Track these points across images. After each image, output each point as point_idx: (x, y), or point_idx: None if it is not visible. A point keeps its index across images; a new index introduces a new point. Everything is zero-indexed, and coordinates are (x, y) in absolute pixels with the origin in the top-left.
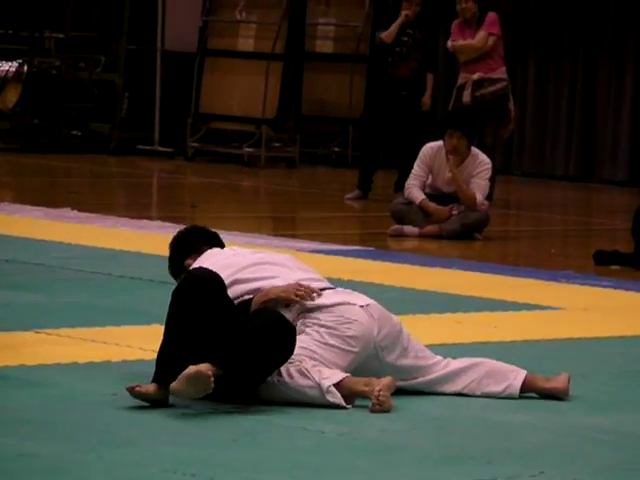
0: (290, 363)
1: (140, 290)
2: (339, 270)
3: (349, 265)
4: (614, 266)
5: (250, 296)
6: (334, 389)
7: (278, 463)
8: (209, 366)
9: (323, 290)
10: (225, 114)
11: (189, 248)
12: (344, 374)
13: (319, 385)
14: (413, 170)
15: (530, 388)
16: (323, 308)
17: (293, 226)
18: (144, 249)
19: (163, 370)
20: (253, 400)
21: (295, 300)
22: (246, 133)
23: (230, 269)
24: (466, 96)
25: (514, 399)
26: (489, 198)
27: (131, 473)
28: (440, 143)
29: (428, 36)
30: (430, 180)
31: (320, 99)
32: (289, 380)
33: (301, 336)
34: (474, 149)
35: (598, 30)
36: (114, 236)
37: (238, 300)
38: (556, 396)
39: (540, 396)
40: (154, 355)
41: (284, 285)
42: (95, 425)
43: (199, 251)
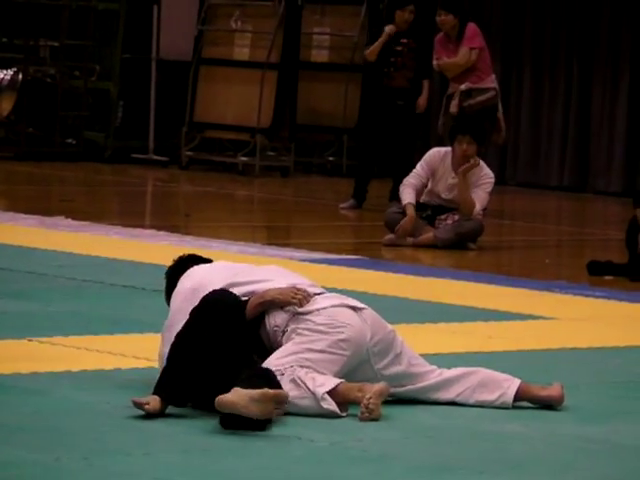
0: (282, 374)
1: (133, 298)
2: (333, 279)
3: (343, 274)
4: (608, 276)
5: (245, 298)
6: (328, 397)
7: (271, 472)
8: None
9: (318, 295)
10: (220, 123)
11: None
12: (338, 380)
13: (313, 394)
14: (415, 169)
15: (524, 397)
16: (315, 311)
17: (287, 235)
18: (138, 258)
19: (171, 387)
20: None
21: (292, 303)
22: (241, 142)
23: (225, 273)
24: (453, 106)
25: (507, 409)
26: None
27: None
28: (447, 149)
29: (423, 44)
30: (430, 185)
31: (313, 108)
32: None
33: (288, 344)
34: (480, 161)
35: (593, 41)
36: (108, 245)
37: None
38: (551, 405)
39: (534, 405)
40: (147, 363)
41: (281, 288)
42: (88, 433)
43: None
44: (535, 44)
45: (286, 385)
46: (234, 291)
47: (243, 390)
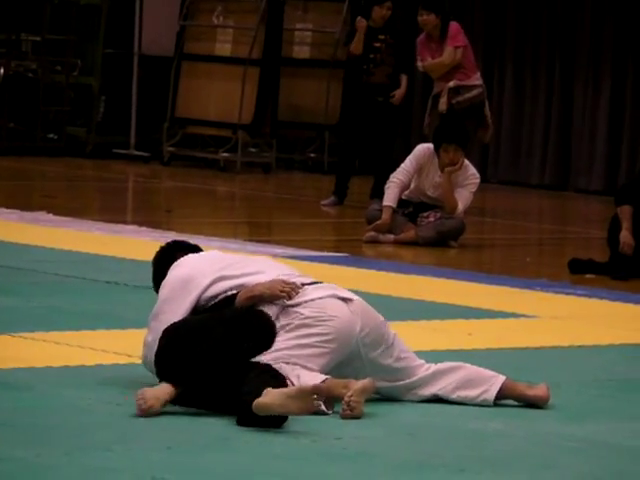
0: None
1: (115, 294)
2: (314, 276)
3: (324, 271)
4: (589, 275)
5: (234, 292)
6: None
7: (252, 469)
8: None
9: (308, 285)
10: (201, 119)
11: (171, 262)
12: (323, 376)
13: None
14: (403, 164)
15: (510, 394)
16: (304, 303)
17: (269, 232)
18: (119, 253)
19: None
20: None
21: (280, 296)
22: (222, 138)
23: (216, 265)
24: (442, 104)
25: (489, 406)
26: None
27: (104, 478)
28: None
29: (401, 40)
30: (416, 181)
31: (295, 104)
32: None
33: (277, 338)
34: (466, 161)
35: (575, 39)
36: (89, 240)
37: (222, 295)
38: (536, 404)
39: (519, 403)
40: (129, 359)
41: (268, 281)
42: (69, 429)
43: None
44: (517, 43)
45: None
46: (225, 284)
47: (275, 390)
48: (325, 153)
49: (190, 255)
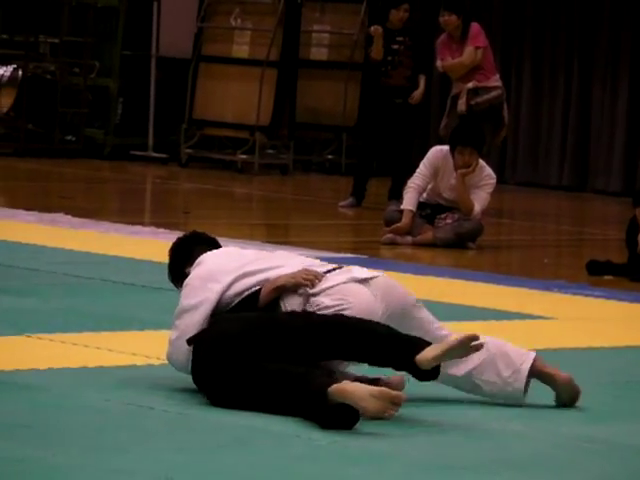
0: None
1: (133, 296)
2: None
3: None
4: (607, 276)
5: (258, 287)
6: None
7: (269, 470)
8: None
9: (329, 272)
10: (219, 120)
11: (189, 255)
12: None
13: None
14: (418, 169)
15: (537, 374)
16: (326, 290)
17: (286, 233)
18: (137, 255)
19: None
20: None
21: (304, 285)
22: (240, 140)
23: (237, 262)
24: (461, 105)
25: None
26: None
27: (120, 479)
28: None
29: (419, 42)
30: (432, 184)
31: (312, 106)
32: None
33: None
34: (481, 162)
35: (593, 40)
36: (107, 241)
37: (247, 292)
38: (563, 387)
39: (542, 381)
40: (146, 360)
41: (291, 272)
42: (86, 430)
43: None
44: (535, 43)
45: None
46: (248, 281)
47: (361, 384)
48: (343, 155)
49: (211, 252)
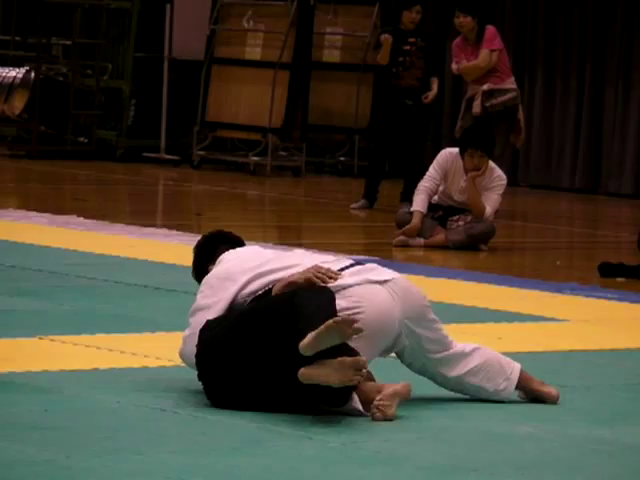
0: None
1: (146, 298)
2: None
3: None
4: (619, 278)
5: (271, 286)
6: (355, 395)
7: (281, 472)
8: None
9: (344, 270)
10: (231, 122)
11: (212, 253)
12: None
13: None
14: (428, 172)
15: (523, 386)
16: (342, 290)
17: (298, 235)
18: (150, 257)
19: None
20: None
21: (314, 281)
22: (252, 142)
23: (255, 262)
24: (476, 107)
25: (514, 404)
26: None
27: None
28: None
29: (431, 43)
30: (443, 186)
31: (325, 108)
32: None
33: None
34: (491, 163)
35: (605, 43)
36: (120, 243)
37: (261, 291)
38: (545, 401)
39: (528, 398)
40: (158, 363)
41: (303, 270)
42: (99, 432)
43: None
44: (547, 46)
45: None
46: (263, 280)
47: (324, 361)
48: (355, 157)
49: (230, 252)
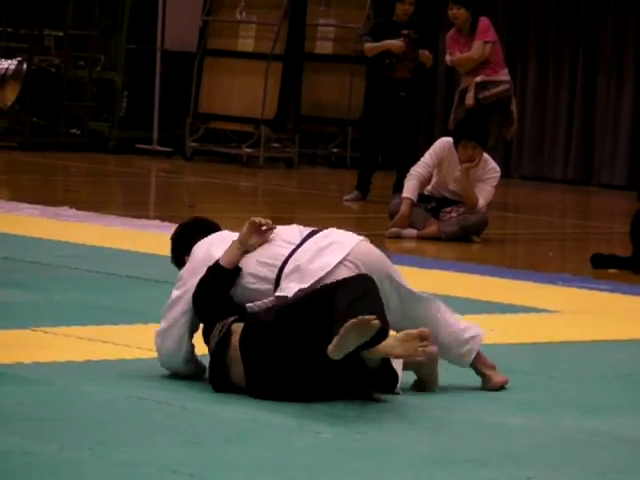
0: None
1: (138, 289)
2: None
3: None
4: (612, 269)
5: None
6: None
7: (274, 463)
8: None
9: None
10: (224, 114)
11: (188, 244)
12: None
13: None
14: (423, 158)
15: (477, 363)
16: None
17: None
18: (142, 248)
19: None
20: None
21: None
22: (245, 133)
23: (224, 247)
24: (469, 99)
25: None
26: None
27: (127, 472)
28: None
29: (425, 35)
30: (437, 176)
31: (317, 100)
32: None
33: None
34: (485, 155)
35: (598, 33)
36: (112, 235)
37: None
38: (487, 387)
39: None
40: (151, 354)
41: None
42: (91, 423)
43: None
44: (540, 37)
45: None
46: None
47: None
48: (348, 148)
49: (204, 240)
